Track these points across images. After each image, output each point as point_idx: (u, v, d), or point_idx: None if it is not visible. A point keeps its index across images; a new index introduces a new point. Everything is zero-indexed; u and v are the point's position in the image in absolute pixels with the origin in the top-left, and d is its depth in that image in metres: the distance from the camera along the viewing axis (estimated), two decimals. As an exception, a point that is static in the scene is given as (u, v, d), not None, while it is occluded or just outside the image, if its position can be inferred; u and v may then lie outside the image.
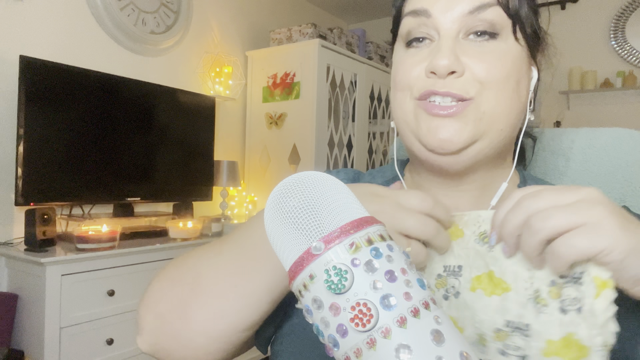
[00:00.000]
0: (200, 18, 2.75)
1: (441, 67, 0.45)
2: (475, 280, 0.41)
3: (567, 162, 0.64)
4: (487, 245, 0.41)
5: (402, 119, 0.50)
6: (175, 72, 2.60)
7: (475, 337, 0.39)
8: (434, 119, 0.47)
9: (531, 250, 0.35)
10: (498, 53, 0.46)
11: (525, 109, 0.50)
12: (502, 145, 0.49)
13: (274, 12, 3.30)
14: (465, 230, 0.43)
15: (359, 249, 0.28)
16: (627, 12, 3.27)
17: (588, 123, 3.33)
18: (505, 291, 0.39)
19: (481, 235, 0.41)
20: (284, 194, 0.31)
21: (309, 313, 0.29)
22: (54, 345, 1.62)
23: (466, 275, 0.42)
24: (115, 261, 1.81)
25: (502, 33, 0.46)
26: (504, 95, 0.46)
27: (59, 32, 2.08)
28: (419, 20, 0.48)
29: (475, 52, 0.46)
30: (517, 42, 0.47)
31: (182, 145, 2.41)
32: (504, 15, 0.46)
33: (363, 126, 3.26)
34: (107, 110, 2.06)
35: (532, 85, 0.51)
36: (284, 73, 2.85)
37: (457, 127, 0.46)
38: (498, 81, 0.46)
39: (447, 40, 0.46)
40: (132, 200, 2.17)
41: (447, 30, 0.47)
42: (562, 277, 0.37)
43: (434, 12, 0.47)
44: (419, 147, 0.49)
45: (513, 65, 0.47)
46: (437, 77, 0.46)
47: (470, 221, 0.43)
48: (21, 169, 1.77)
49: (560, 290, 0.37)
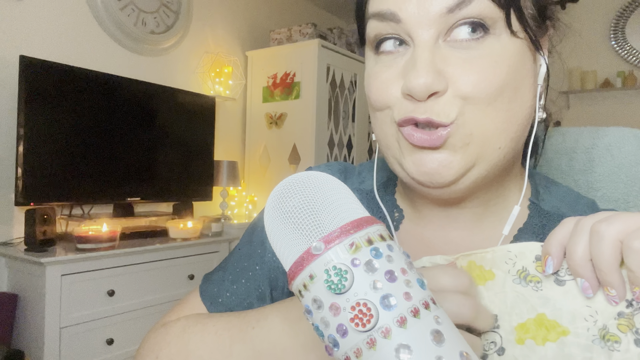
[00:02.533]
0: (200, 18, 2.75)
1: (418, 89, 0.36)
2: (520, 330, 0.34)
3: (570, 161, 0.64)
4: (532, 284, 0.34)
5: (384, 142, 0.42)
6: (175, 72, 2.60)
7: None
8: (416, 150, 0.39)
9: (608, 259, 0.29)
10: (490, 57, 0.37)
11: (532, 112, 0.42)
12: (506, 162, 0.41)
13: (274, 12, 3.30)
14: (496, 271, 0.36)
15: (359, 249, 0.28)
16: (627, 12, 3.27)
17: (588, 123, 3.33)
18: (562, 335, 0.33)
19: (521, 274, 0.35)
20: (283, 194, 0.31)
21: (309, 313, 0.29)
22: (54, 345, 1.62)
23: (506, 325, 0.35)
24: (115, 261, 1.81)
25: (494, 28, 0.37)
26: (496, 108, 0.37)
27: (59, 32, 2.08)
28: (387, 24, 0.39)
29: (460, 60, 0.37)
30: (515, 36, 0.38)
31: (182, 145, 2.41)
32: (492, 5, 0.37)
33: (363, 126, 3.26)
34: (107, 110, 2.06)
35: (541, 78, 0.42)
36: (284, 73, 2.85)
37: (444, 157, 0.38)
38: (489, 95, 0.37)
39: (423, 51, 0.37)
40: (132, 200, 2.17)
41: (422, 37, 0.37)
42: (629, 306, 0.32)
43: (404, 16, 0.37)
44: (405, 176, 0.42)
45: (510, 70, 0.38)
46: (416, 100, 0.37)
47: (498, 259, 0.36)
48: (21, 169, 1.77)
49: (632, 319, 0.31)
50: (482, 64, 0.37)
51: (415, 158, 0.39)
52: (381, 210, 0.50)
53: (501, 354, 0.35)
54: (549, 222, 0.44)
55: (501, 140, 0.39)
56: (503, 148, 0.39)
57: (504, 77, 0.37)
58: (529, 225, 0.45)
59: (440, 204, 0.45)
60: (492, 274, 0.36)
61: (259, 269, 0.51)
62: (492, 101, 0.37)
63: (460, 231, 0.46)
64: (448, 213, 0.46)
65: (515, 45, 0.38)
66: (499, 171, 0.41)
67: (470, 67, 0.37)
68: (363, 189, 0.53)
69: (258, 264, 0.51)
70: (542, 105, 0.43)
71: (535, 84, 0.42)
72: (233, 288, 0.50)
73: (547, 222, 0.44)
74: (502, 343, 0.35)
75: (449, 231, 0.46)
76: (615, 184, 0.60)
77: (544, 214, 0.45)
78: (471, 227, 0.46)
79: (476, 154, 0.38)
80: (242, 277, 0.51)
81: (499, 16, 0.37)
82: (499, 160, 0.40)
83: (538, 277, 0.34)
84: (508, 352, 0.35)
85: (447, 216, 0.46)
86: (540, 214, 0.45)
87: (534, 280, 0.34)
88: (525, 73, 0.40)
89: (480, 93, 0.37)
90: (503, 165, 0.41)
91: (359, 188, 0.53)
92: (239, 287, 0.50)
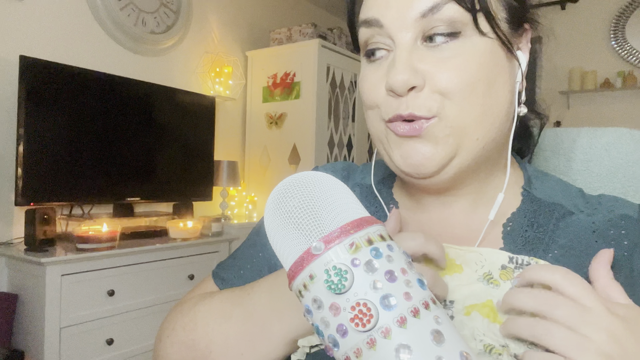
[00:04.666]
0: (200, 18, 2.75)
1: (397, 84, 0.41)
2: (469, 307, 0.41)
3: (568, 161, 0.64)
4: (491, 285, 0.41)
5: (376, 137, 0.48)
6: (175, 72, 2.60)
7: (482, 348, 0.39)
8: (402, 143, 0.44)
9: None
10: (461, 57, 0.41)
11: (511, 106, 0.45)
12: (487, 152, 0.45)
13: (274, 12, 3.30)
14: (465, 268, 0.42)
15: (359, 249, 0.28)
16: (627, 12, 3.27)
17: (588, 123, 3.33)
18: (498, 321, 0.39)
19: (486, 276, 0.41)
20: (283, 194, 0.31)
21: (309, 313, 0.29)
22: (54, 345, 1.62)
23: (459, 307, 0.41)
24: (115, 261, 1.81)
25: (465, 30, 0.41)
26: (471, 102, 0.41)
27: (59, 32, 2.08)
28: (373, 30, 0.44)
29: (434, 59, 0.41)
30: (485, 36, 0.42)
31: (182, 145, 2.41)
32: (462, 10, 0.41)
33: (363, 126, 3.26)
34: (107, 110, 2.06)
35: (518, 75, 0.46)
36: (284, 73, 2.85)
37: (427, 150, 0.42)
38: (462, 90, 0.41)
39: (402, 52, 0.42)
40: (132, 200, 2.17)
41: (401, 40, 0.42)
42: None
43: (386, 21, 0.42)
44: (396, 169, 0.47)
45: (481, 66, 0.41)
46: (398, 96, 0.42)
47: (470, 259, 0.42)
48: (21, 169, 1.77)
49: None
50: (454, 62, 0.41)
51: (402, 151, 0.44)
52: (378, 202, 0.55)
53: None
54: (540, 208, 0.48)
55: (478, 131, 0.43)
56: (481, 139, 0.43)
57: (474, 73, 0.41)
58: (521, 210, 0.48)
59: (434, 193, 0.49)
60: (461, 269, 0.42)
61: (262, 256, 0.56)
62: (467, 96, 0.41)
63: (457, 216, 0.49)
64: (443, 200, 0.49)
65: (485, 45, 0.42)
66: (481, 161, 0.45)
67: (444, 65, 0.41)
68: (363, 183, 0.58)
69: (261, 251, 0.56)
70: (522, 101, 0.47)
71: (511, 80, 0.45)
72: (240, 273, 0.56)
73: (539, 208, 0.48)
74: (452, 314, 0.42)
75: (447, 216, 0.50)
76: (613, 184, 0.61)
77: (536, 200, 0.48)
78: (467, 212, 0.49)
79: (456, 144, 0.43)
80: (247, 263, 0.57)
81: (469, 19, 0.41)
82: (479, 151, 0.44)
83: (499, 282, 0.41)
84: (456, 319, 0.41)
85: (443, 203, 0.50)
86: (532, 200, 0.49)
87: (494, 283, 0.41)
88: (499, 70, 0.43)
89: (454, 88, 0.41)
90: (484, 155, 0.45)
91: (360, 183, 0.58)
92: (245, 271, 0.56)
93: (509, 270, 0.41)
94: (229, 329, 0.46)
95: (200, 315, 0.49)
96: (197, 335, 0.48)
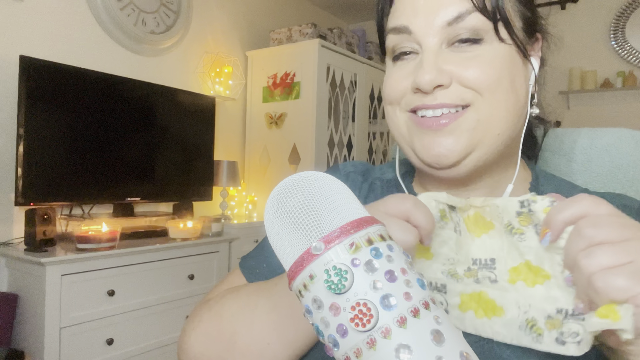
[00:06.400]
0: (200, 18, 2.75)
1: (425, 83, 0.45)
2: (513, 272, 0.40)
3: (569, 162, 0.64)
4: (517, 236, 0.40)
5: (397, 131, 0.51)
6: (175, 72, 2.60)
7: (523, 321, 0.38)
8: (426, 134, 0.47)
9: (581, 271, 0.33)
10: (484, 57, 0.45)
11: (525, 106, 0.49)
12: (504, 148, 0.48)
13: (274, 12, 3.30)
14: (495, 223, 0.42)
15: (359, 249, 0.28)
16: (627, 12, 3.27)
17: (588, 123, 3.33)
18: (546, 279, 0.38)
19: (508, 227, 0.40)
20: (283, 194, 0.31)
21: (309, 313, 0.29)
22: (54, 345, 1.62)
23: (501, 267, 0.41)
24: (115, 261, 1.81)
25: (486, 37, 0.46)
26: (499, 98, 0.46)
27: (59, 32, 2.08)
28: (402, 36, 0.48)
29: (460, 59, 0.46)
30: (504, 42, 0.46)
31: (182, 145, 2.41)
32: (485, 19, 0.45)
33: (363, 126, 3.26)
34: (107, 110, 2.06)
35: (532, 79, 0.50)
36: (284, 73, 2.85)
37: (450, 142, 0.46)
38: (489, 85, 0.45)
39: (429, 54, 0.46)
40: (132, 200, 2.17)
41: (429, 44, 0.46)
42: None
43: (414, 28, 0.47)
44: (416, 160, 0.50)
45: (502, 67, 0.46)
46: (424, 93, 0.46)
47: (493, 212, 0.42)
48: (21, 169, 1.77)
49: None
50: (478, 61, 0.45)
51: (425, 142, 0.47)
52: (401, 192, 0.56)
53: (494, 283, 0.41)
54: None
55: (500, 126, 0.47)
56: (501, 134, 0.47)
57: (498, 71, 0.45)
58: None
59: (452, 186, 0.52)
60: (492, 225, 0.42)
61: None
62: (494, 90, 0.45)
63: None
64: (459, 194, 0.52)
65: (505, 50, 0.47)
66: (497, 156, 0.48)
67: (468, 64, 0.45)
68: (384, 178, 0.60)
69: None
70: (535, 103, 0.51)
71: (526, 83, 0.49)
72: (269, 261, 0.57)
73: None
74: (496, 279, 0.41)
75: None
76: (613, 184, 0.61)
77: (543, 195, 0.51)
78: None
79: (478, 139, 0.46)
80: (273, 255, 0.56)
81: (490, 27, 0.46)
82: (497, 146, 0.47)
83: (522, 229, 0.40)
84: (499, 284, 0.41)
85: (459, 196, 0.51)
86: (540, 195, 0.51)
87: (519, 232, 0.40)
88: (517, 72, 0.48)
89: (482, 83, 0.45)
90: (500, 151, 0.48)
91: (381, 177, 0.60)
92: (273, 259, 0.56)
93: (524, 215, 0.40)
94: (254, 319, 0.47)
95: (226, 307, 0.50)
96: (223, 327, 0.48)
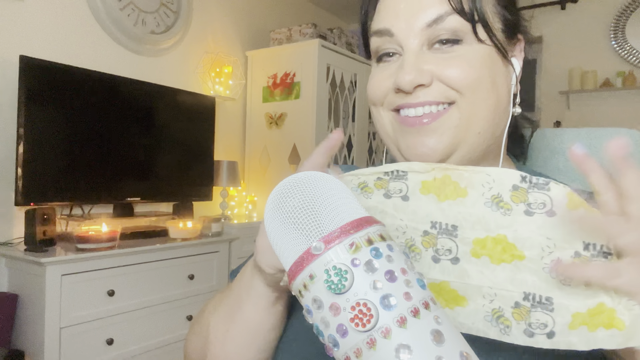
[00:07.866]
0: (200, 18, 2.75)
1: (405, 83, 0.46)
2: (477, 244, 0.37)
3: (567, 161, 0.64)
4: (502, 210, 0.37)
5: (382, 130, 0.53)
6: (175, 72, 2.60)
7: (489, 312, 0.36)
8: (410, 133, 0.48)
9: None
10: (464, 57, 0.46)
11: (508, 106, 0.50)
12: (486, 147, 0.49)
13: (274, 12, 3.30)
14: (470, 191, 0.38)
15: (359, 249, 0.28)
16: (627, 12, 3.27)
17: (588, 123, 3.33)
18: (516, 259, 0.36)
19: (494, 199, 0.37)
20: (283, 194, 0.31)
21: (309, 313, 0.29)
22: (54, 345, 1.62)
23: (464, 236, 0.38)
24: (115, 261, 1.81)
25: (466, 38, 0.46)
26: (479, 97, 0.46)
27: (59, 32, 2.08)
28: (384, 39, 0.49)
29: (440, 59, 0.46)
30: (483, 43, 0.47)
31: (182, 145, 2.41)
32: (463, 20, 0.46)
33: (363, 126, 3.26)
34: (107, 110, 2.06)
35: (513, 79, 0.50)
36: (284, 73, 2.85)
37: (433, 141, 0.47)
38: (470, 84, 0.46)
39: (410, 55, 0.47)
40: (132, 200, 2.17)
41: (410, 45, 0.47)
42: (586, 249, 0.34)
43: (396, 31, 0.48)
44: (402, 159, 0.51)
45: (482, 67, 0.46)
46: (405, 93, 0.47)
47: (476, 180, 0.38)
48: (21, 169, 1.77)
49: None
50: (458, 61, 0.46)
51: (409, 142, 0.49)
52: None
53: (455, 264, 0.38)
54: None
55: (482, 125, 0.47)
56: (482, 133, 0.48)
57: (478, 71, 0.46)
58: None
59: None
60: (465, 192, 0.38)
61: None
62: (474, 90, 0.46)
63: None
64: None
65: (484, 50, 0.47)
66: (479, 155, 0.49)
67: (448, 63, 0.46)
68: None
69: None
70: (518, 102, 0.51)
71: (508, 83, 0.50)
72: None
73: None
74: (457, 253, 0.38)
75: None
76: (614, 184, 0.61)
77: None
78: None
79: (460, 137, 0.47)
80: None
81: (468, 28, 0.46)
82: (479, 145, 0.48)
83: (510, 205, 0.37)
84: (461, 264, 0.37)
85: None
86: None
87: (505, 207, 0.37)
88: (497, 72, 0.48)
89: (462, 82, 0.46)
90: (482, 149, 0.49)
91: None
92: None
93: (521, 191, 0.36)
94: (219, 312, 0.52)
95: (206, 307, 0.56)
96: (202, 325, 0.54)
